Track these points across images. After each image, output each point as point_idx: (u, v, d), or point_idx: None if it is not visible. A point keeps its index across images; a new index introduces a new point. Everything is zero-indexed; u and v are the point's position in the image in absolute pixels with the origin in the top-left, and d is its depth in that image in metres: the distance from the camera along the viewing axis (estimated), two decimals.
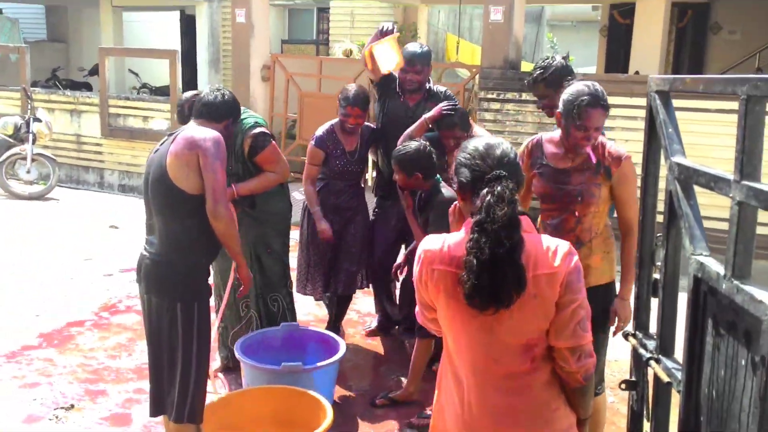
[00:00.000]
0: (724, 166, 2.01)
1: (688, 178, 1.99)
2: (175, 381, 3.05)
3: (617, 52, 11.50)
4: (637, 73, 8.36)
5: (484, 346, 1.89)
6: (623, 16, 11.22)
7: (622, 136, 6.43)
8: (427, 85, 4.64)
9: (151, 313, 3.06)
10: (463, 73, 11.78)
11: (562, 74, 3.34)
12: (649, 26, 8.58)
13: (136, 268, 3.16)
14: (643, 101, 6.26)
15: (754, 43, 10.18)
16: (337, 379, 4.06)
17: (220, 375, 4.32)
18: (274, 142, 4.03)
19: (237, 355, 3.87)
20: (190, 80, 15.75)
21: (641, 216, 2.33)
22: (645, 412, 2.26)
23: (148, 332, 3.12)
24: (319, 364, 3.82)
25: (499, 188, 1.82)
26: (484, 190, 1.84)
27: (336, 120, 4.59)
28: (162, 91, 14.03)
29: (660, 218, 2.30)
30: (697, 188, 2.01)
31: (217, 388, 3.92)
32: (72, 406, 4.01)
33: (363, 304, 5.56)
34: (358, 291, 4.95)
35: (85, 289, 5.85)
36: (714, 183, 1.82)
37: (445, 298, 1.91)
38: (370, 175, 6.02)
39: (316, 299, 5.03)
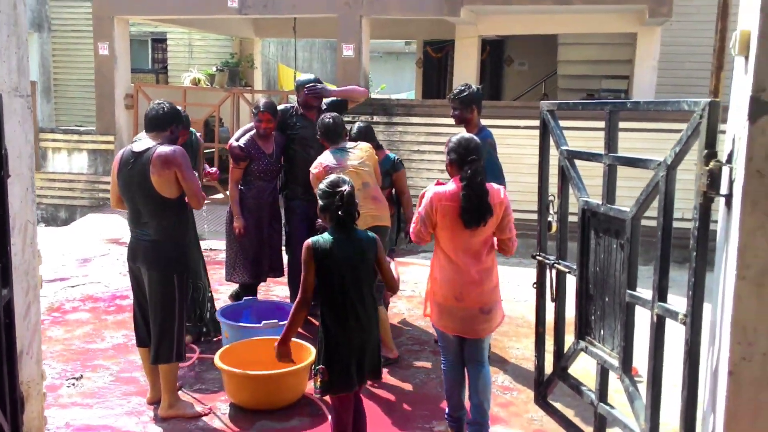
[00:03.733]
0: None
1: (573, 156, 3.60)
2: (168, 333, 4.18)
3: (432, 80, 13.55)
4: None
5: (467, 242, 3.62)
6: (435, 51, 13.29)
7: None
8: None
9: (151, 283, 4.17)
10: None
11: (473, 98, 4.87)
12: (466, 60, 10.57)
13: (130, 251, 4.24)
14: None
15: (540, 74, 12.64)
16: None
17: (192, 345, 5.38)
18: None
19: (220, 320, 4.98)
20: None
21: (540, 183, 3.91)
22: (551, 296, 3.83)
23: (146, 298, 4.21)
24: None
25: (475, 166, 3.52)
26: (467, 167, 3.52)
27: (252, 131, 5.55)
28: None
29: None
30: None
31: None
32: (81, 376, 4.87)
33: (280, 291, 6.75)
34: (270, 280, 6.11)
35: None
36: (592, 157, 3.43)
37: (449, 221, 3.59)
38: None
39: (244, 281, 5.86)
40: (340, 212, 3.31)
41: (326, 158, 4.94)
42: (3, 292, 2.79)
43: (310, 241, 3.38)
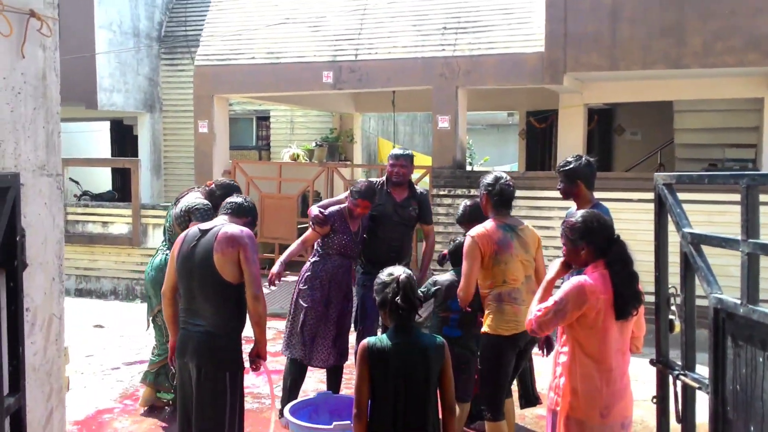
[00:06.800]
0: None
1: (700, 241, 2.90)
2: None
3: (536, 152, 12.92)
4: None
5: (617, 341, 3.07)
6: (539, 122, 12.69)
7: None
8: (416, 189, 5.60)
9: (199, 380, 3.68)
10: None
11: (576, 172, 4.24)
12: (571, 130, 9.91)
13: (179, 345, 3.78)
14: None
15: (655, 143, 11.76)
16: None
17: None
18: None
19: (289, 418, 4.45)
20: (123, 186, 16.16)
21: (657, 272, 3.21)
22: (676, 416, 3.07)
23: (193, 399, 3.70)
24: None
25: (623, 244, 2.97)
26: (616, 247, 2.98)
27: (343, 205, 5.25)
28: (102, 197, 14.37)
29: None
30: None
31: None
32: None
33: None
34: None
35: (99, 381, 6.20)
36: (725, 243, 2.73)
37: (604, 314, 3.02)
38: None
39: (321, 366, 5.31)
40: (397, 300, 2.78)
41: (494, 232, 4.12)
42: (9, 402, 2.38)
43: (366, 341, 2.85)
